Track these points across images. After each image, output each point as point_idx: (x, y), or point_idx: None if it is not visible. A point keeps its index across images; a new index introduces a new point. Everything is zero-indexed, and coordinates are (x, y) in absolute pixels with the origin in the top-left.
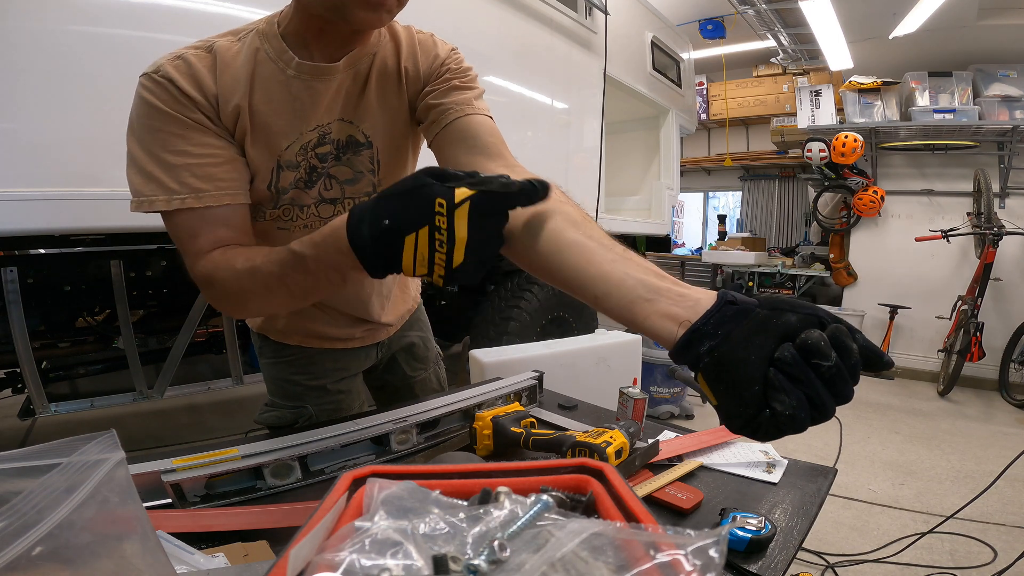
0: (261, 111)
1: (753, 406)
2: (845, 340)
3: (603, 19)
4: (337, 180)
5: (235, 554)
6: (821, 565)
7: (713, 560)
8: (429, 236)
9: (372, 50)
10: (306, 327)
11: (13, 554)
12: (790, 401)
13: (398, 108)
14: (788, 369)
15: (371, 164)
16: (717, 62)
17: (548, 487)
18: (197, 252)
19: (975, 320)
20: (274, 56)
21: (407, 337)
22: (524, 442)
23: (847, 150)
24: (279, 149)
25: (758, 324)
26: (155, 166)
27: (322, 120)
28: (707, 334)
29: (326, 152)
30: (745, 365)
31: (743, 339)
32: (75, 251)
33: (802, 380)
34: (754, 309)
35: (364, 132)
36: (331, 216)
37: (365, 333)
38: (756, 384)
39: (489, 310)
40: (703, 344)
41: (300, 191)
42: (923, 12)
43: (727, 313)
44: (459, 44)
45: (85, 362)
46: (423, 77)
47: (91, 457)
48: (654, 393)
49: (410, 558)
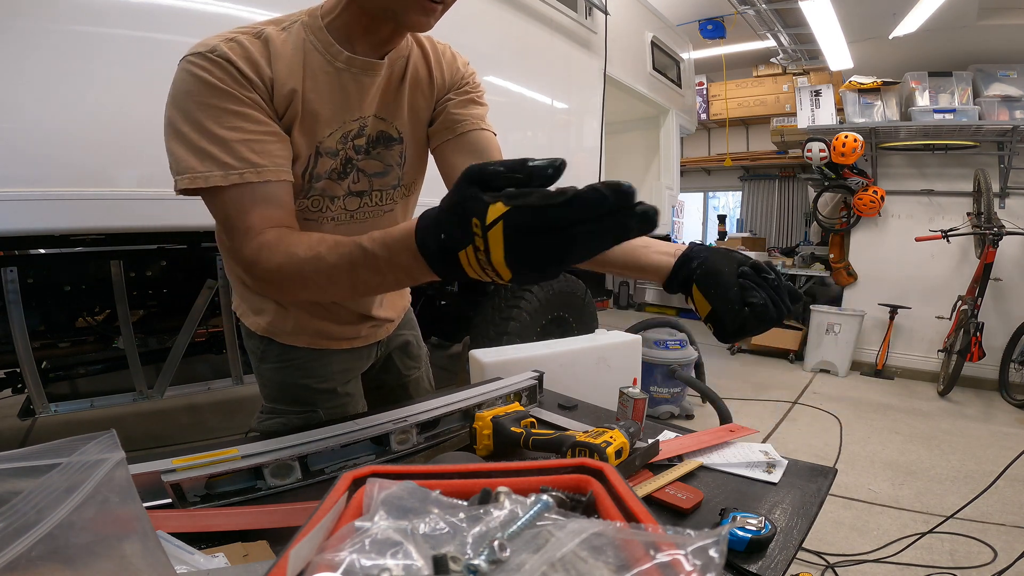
0: (311, 98)
1: (737, 302)
2: (774, 268)
3: (603, 19)
4: (365, 173)
5: (235, 554)
6: (821, 565)
7: (713, 560)
8: (475, 253)
9: (405, 52)
10: (316, 327)
11: (13, 554)
12: (761, 294)
13: (424, 110)
14: (752, 277)
15: (400, 159)
16: (717, 62)
17: (548, 487)
18: (248, 230)
19: (975, 320)
20: (321, 48)
21: (402, 336)
22: (524, 442)
23: (847, 150)
24: (321, 136)
25: (724, 253)
26: (209, 142)
27: (364, 112)
28: (694, 257)
29: (362, 144)
30: (726, 273)
31: (719, 259)
32: (75, 251)
33: (762, 285)
34: (716, 248)
35: (397, 128)
36: (357, 209)
37: (369, 331)
38: (735, 285)
39: (489, 310)
40: (694, 261)
41: (332, 182)
42: (923, 12)
43: (699, 248)
44: (459, 44)
45: (85, 362)
46: (448, 86)
47: (91, 457)
48: (654, 393)
49: (410, 558)
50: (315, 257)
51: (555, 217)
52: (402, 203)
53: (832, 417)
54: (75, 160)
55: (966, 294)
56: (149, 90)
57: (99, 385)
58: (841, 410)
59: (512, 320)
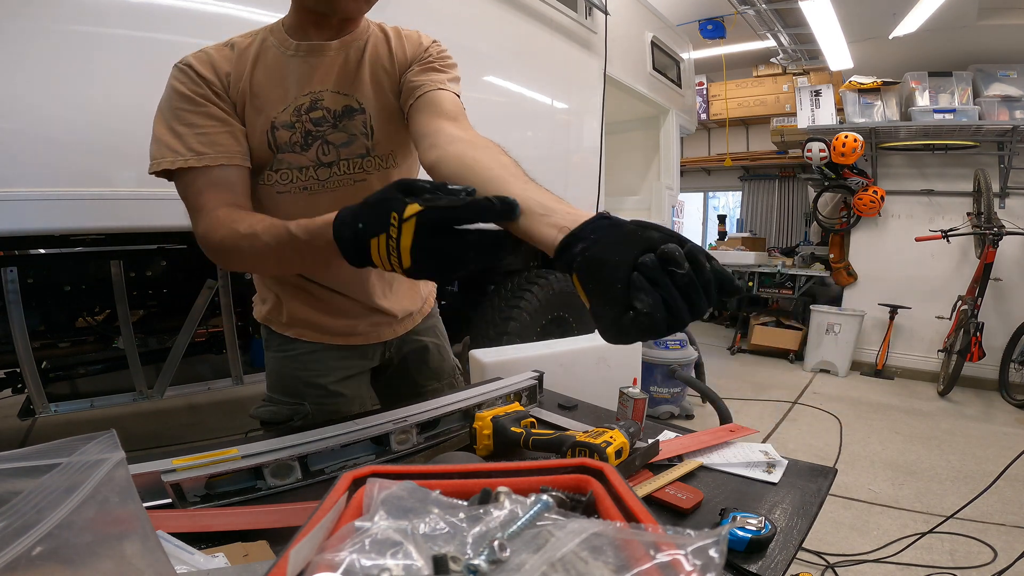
0: (260, 82)
1: (618, 305)
2: (699, 258)
3: (603, 19)
4: (334, 145)
5: (235, 554)
6: (821, 565)
7: (713, 560)
8: (386, 242)
9: (361, 37)
10: (308, 318)
11: (13, 554)
12: (648, 300)
13: (389, 85)
14: (648, 272)
15: (364, 128)
16: (717, 62)
17: (548, 487)
18: (201, 208)
19: (975, 320)
20: (276, 43)
21: (419, 341)
22: (524, 442)
23: (847, 150)
24: (275, 112)
25: (626, 235)
26: (168, 135)
27: (315, 88)
28: (581, 238)
29: (320, 117)
30: (611, 266)
31: (611, 244)
32: (75, 251)
33: (659, 284)
34: (625, 223)
35: (358, 100)
36: (328, 179)
37: (368, 328)
38: (620, 283)
39: (489, 310)
40: (577, 246)
41: (296, 154)
42: (923, 12)
43: (600, 224)
44: (459, 44)
45: (85, 362)
46: (410, 59)
47: (91, 457)
48: (654, 393)
49: (410, 558)
50: (251, 234)
51: (455, 217)
52: (379, 174)
53: (832, 417)
54: (75, 160)
55: (966, 294)
56: (149, 90)
57: (99, 385)
58: (841, 410)
59: (512, 320)
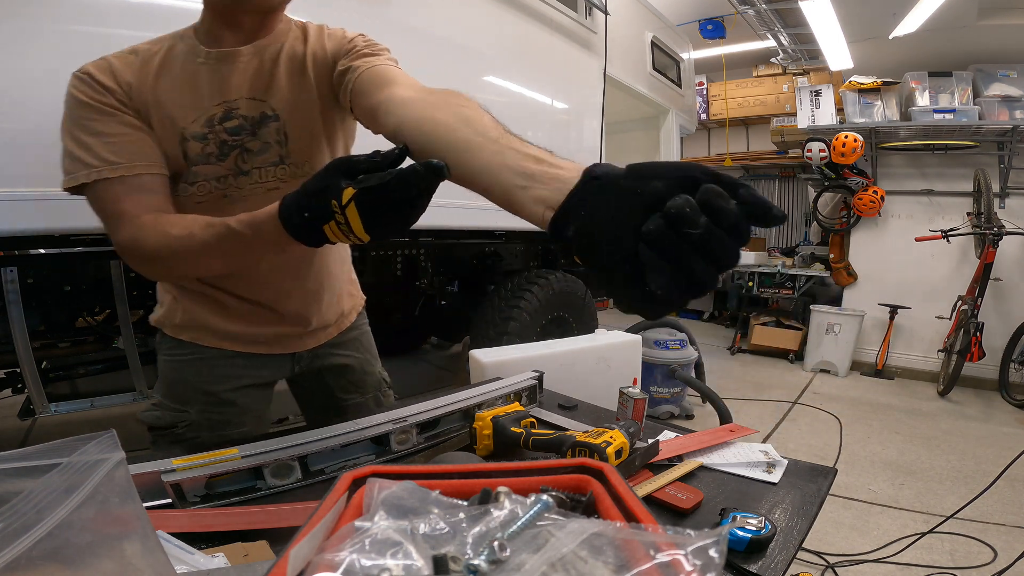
0: (166, 91)
1: (631, 284)
2: (717, 201)
3: (603, 19)
4: (252, 152)
5: (235, 554)
6: (821, 565)
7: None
8: (338, 226)
9: (280, 39)
10: (205, 322)
11: (13, 554)
12: (661, 279)
13: (307, 89)
14: (655, 243)
15: (277, 135)
16: (717, 62)
17: (548, 487)
18: (121, 214)
19: (975, 320)
20: (186, 51)
21: (337, 358)
22: (524, 442)
23: (847, 150)
24: (184, 123)
25: (622, 197)
26: (77, 147)
27: (229, 97)
28: (571, 214)
29: (236, 126)
30: (611, 245)
31: (608, 216)
32: (75, 251)
33: (672, 253)
34: (619, 180)
35: (272, 107)
36: (248, 186)
37: (273, 337)
38: (627, 263)
39: (489, 310)
40: (568, 227)
41: (211, 165)
42: (923, 12)
43: (590, 190)
44: (459, 44)
45: (85, 362)
46: (331, 57)
47: (91, 457)
48: (654, 393)
49: (410, 558)
50: (188, 236)
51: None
52: (293, 184)
53: (832, 417)
54: None
55: (966, 294)
56: None
57: (99, 385)
58: (841, 410)
59: (512, 320)
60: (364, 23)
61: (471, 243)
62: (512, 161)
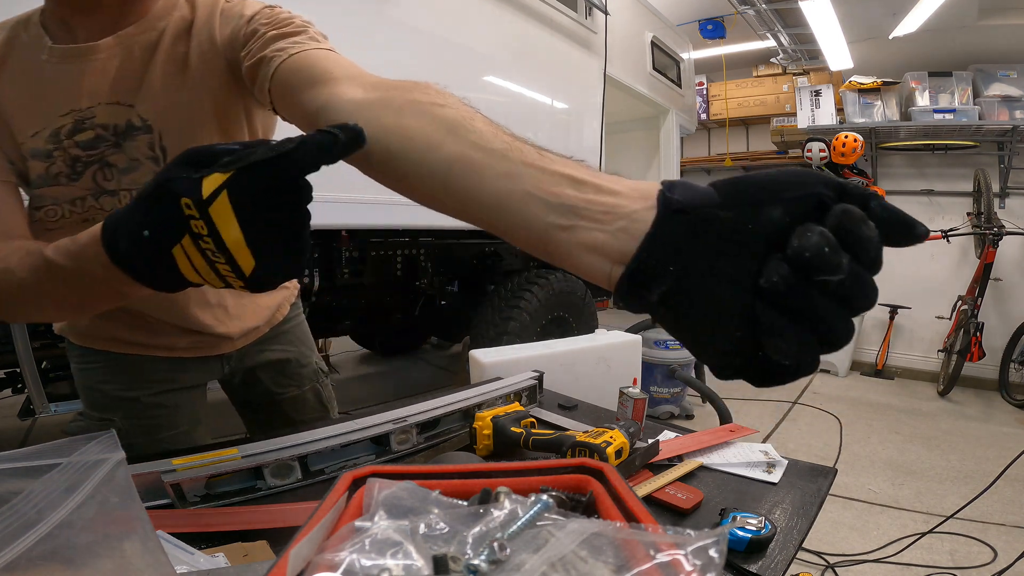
0: (6, 95)
1: (740, 355)
2: (859, 229)
3: (603, 19)
4: (117, 169)
5: (235, 554)
6: (821, 565)
7: (713, 560)
8: (195, 243)
9: (155, 25)
10: (112, 332)
11: (13, 554)
12: (789, 348)
13: (192, 89)
14: (780, 301)
15: (151, 151)
16: (717, 62)
17: (548, 487)
18: None
19: (975, 320)
20: (30, 43)
21: (271, 353)
22: (524, 442)
23: (847, 150)
24: (23, 138)
25: (726, 239)
26: None
27: (80, 104)
28: (653, 274)
29: (90, 139)
30: (716, 307)
31: (707, 269)
32: None
33: (802, 312)
34: (716, 216)
35: (141, 115)
36: (112, 210)
37: (191, 344)
38: (737, 330)
39: (489, 310)
40: (651, 291)
41: (62, 186)
42: (923, 12)
43: (676, 233)
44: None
45: None
46: (226, 45)
47: (91, 457)
48: (654, 393)
49: (410, 558)
50: (4, 270)
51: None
52: None
53: (832, 417)
54: None
55: (966, 294)
56: None
57: None
58: (841, 410)
59: (512, 320)
60: (364, 23)
61: (471, 243)
62: (537, 186)
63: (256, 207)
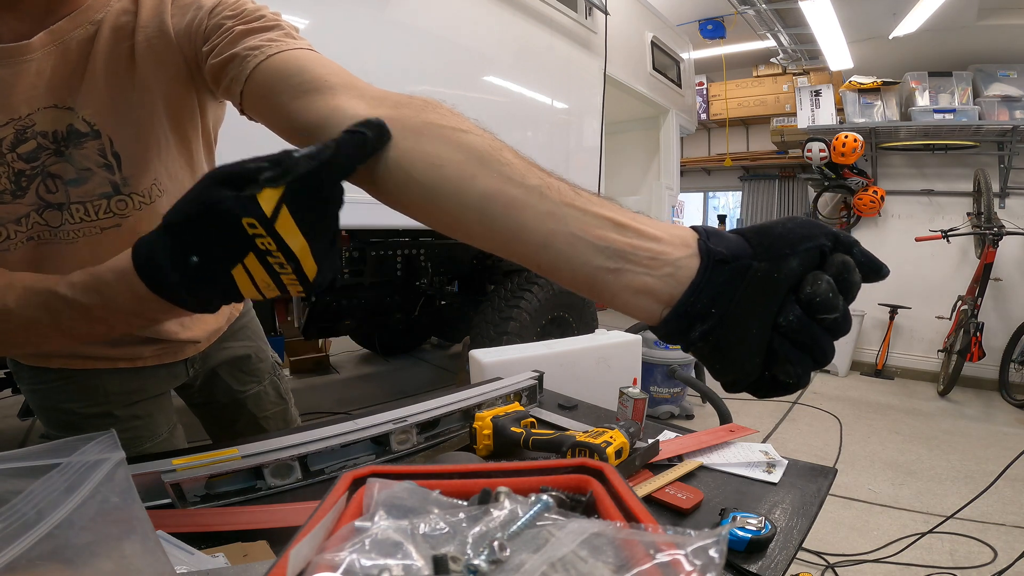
0: None
1: (754, 374)
2: (852, 276)
3: (603, 19)
4: (62, 180)
5: (235, 554)
6: (821, 565)
7: (713, 560)
8: (261, 262)
9: (91, 17)
10: (71, 349)
11: (13, 554)
12: (795, 370)
13: (141, 88)
14: (794, 336)
15: (103, 159)
16: (717, 62)
17: (548, 487)
18: None
19: (975, 320)
20: None
21: (231, 349)
22: (524, 442)
23: (847, 150)
24: None
25: (758, 286)
26: None
27: (19, 112)
28: (698, 315)
29: (32, 150)
30: (746, 342)
31: (743, 312)
32: None
33: (807, 344)
34: (750, 266)
35: (86, 119)
36: (60, 226)
37: (156, 352)
38: (758, 357)
39: (489, 310)
40: (695, 329)
41: (7, 204)
42: (923, 12)
43: (719, 280)
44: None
45: None
46: (180, 37)
47: (91, 457)
48: (654, 393)
49: (410, 558)
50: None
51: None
52: (140, 215)
53: (832, 417)
54: None
55: (966, 294)
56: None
57: None
58: (841, 410)
59: (512, 320)
60: (364, 23)
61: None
62: (583, 228)
63: (311, 214)
